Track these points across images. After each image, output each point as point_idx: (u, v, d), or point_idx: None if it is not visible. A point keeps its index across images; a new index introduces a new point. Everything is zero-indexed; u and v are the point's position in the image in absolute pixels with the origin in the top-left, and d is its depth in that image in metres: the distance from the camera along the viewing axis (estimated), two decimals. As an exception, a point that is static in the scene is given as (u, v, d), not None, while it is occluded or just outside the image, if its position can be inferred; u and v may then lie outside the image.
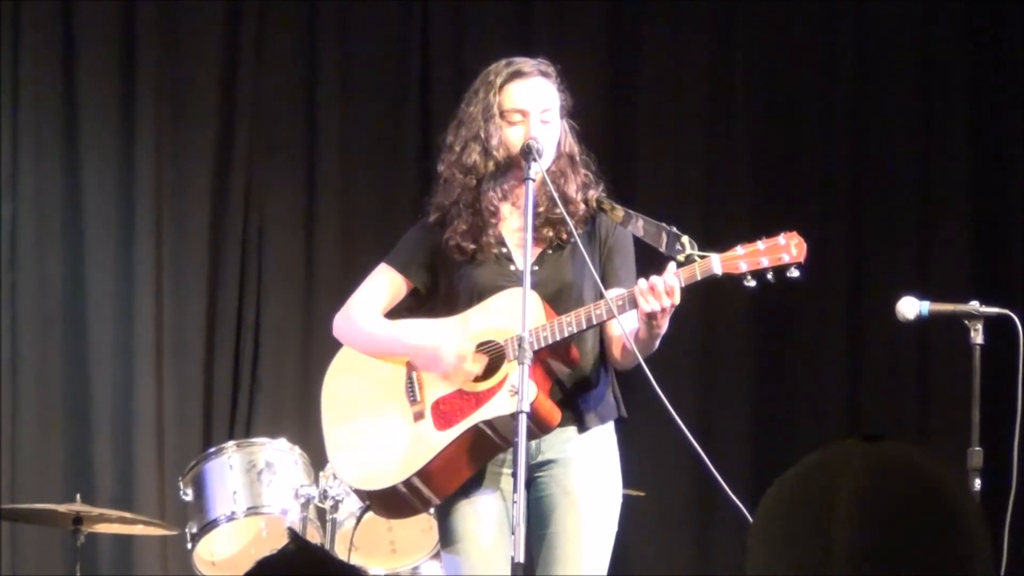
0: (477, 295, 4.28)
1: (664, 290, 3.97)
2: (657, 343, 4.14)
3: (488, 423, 4.16)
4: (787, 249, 4.05)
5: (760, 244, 4.05)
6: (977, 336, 4.50)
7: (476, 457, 4.22)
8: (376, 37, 7.13)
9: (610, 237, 4.32)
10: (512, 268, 4.29)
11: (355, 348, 4.42)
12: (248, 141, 6.99)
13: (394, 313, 4.42)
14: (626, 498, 4.40)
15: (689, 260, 4.04)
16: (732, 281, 4.04)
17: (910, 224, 7.17)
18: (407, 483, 4.22)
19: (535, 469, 4.23)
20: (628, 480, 4.41)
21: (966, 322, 4.53)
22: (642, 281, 4.01)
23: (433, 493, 4.25)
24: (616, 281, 4.27)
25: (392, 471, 4.25)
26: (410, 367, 4.32)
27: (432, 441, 4.22)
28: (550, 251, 4.30)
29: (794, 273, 4.05)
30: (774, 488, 1.65)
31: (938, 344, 6.85)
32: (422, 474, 4.21)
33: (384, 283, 4.42)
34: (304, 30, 7.09)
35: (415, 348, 4.28)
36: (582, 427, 4.25)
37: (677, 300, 4.00)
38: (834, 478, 1.59)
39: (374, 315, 4.39)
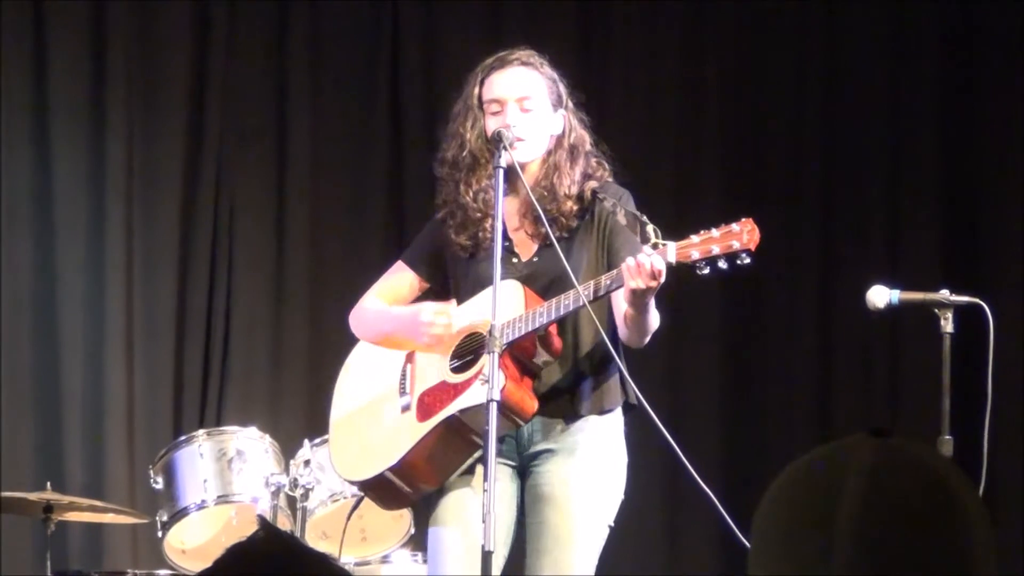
0: (480, 288, 4.27)
1: (650, 270, 3.96)
2: (653, 320, 4.15)
3: (462, 414, 4.17)
4: (739, 236, 4.00)
5: (715, 231, 4.02)
6: (947, 325, 4.50)
7: (455, 449, 4.23)
8: (347, 27, 7.11)
9: (609, 220, 4.29)
10: (515, 261, 4.29)
11: (364, 338, 4.49)
12: (219, 130, 6.97)
13: None
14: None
15: (654, 248, 4.05)
16: (685, 270, 4.02)
17: (880, 213, 7.18)
18: (393, 472, 4.26)
19: (530, 459, 4.25)
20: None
21: (936, 311, 4.54)
22: (629, 259, 3.99)
23: (422, 482, 4.28)
24: (620, 260, 4.26)
25: (374, 462, 4.30)
26: (406, 361, 4.36)
27: (411, 432, 4.24)
28: (548, 243, 4.28)
29: (745, 260, 4.00)
30: (779, 481, 1.63)
31: (908, 333, 6.86)
32: (401, 465, 4.24)
33: (396, 279, 4.49)
34: (275, 19, 7.07)
35: (398, 317, 4.35)
36: (573, 416, 4.24)
37: (662, 280, 3.98)
38: (839, 473, 1.57)
39: (379, 304, 4.43)
